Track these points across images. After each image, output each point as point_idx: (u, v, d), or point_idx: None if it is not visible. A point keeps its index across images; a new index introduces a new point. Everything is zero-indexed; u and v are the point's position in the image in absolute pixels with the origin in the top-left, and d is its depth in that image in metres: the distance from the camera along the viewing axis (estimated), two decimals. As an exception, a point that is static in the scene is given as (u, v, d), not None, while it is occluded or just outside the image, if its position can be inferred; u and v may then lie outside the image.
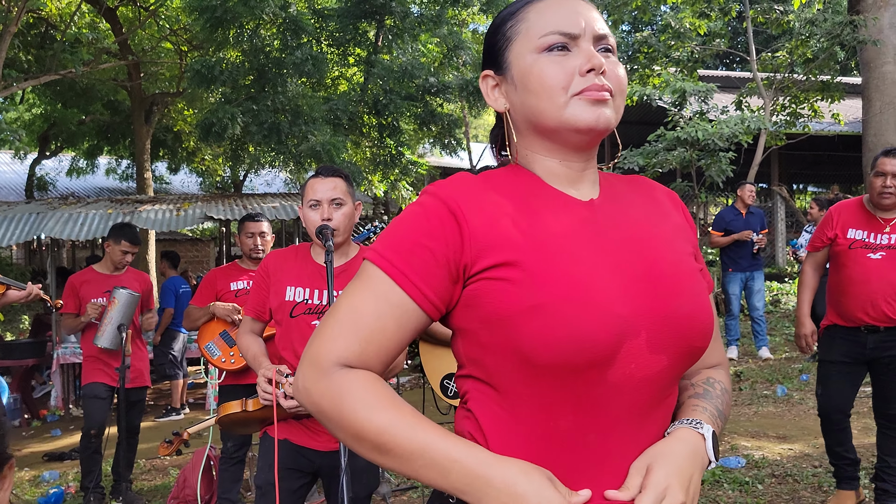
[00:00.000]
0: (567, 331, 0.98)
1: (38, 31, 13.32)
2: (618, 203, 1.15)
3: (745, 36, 17.45)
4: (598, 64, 1.06)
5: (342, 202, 2.51)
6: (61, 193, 18.53)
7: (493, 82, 1.17)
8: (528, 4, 1.13)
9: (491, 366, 1.06)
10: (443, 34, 11.66)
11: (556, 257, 1.04)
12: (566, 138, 1.10)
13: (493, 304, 1.03)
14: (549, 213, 1.09)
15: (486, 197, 1.09)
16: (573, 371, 1.00)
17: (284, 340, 2.54)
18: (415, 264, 1.05)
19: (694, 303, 1.09)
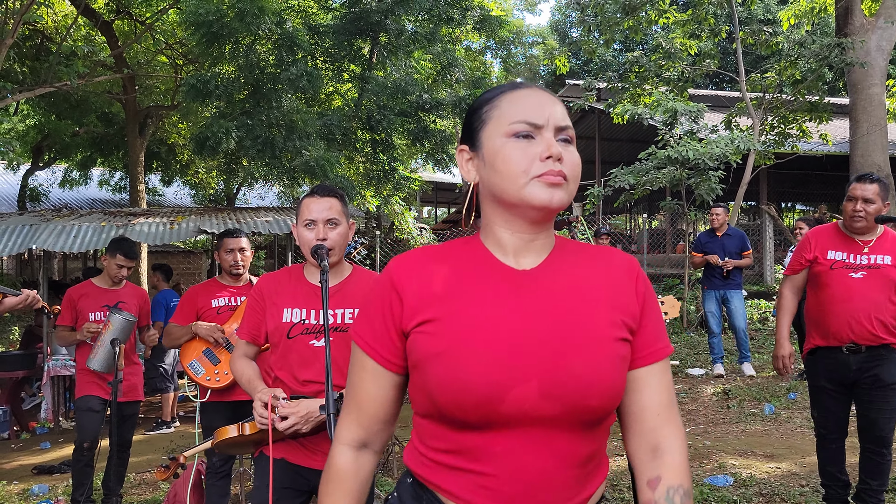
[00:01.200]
0: (457, 375, 1.20)
1: (33, 42, 13.37)
2: (554, 273, 1.31)
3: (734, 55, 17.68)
4: (556, 153, 1.24)
5: (337, 222, 2.55)
6: (54, 205, 18.51)
7: (467, 156, 1.35)
8: (503, 94, 1.32)
9: (417, 402, 1.32)
10: (436, 51, 11.75)
11: (465, 315, 1.25)
12: (524, 213, 1.27)
13: (416, 353, 1.27)
14: (477, 279, 1.29)
15: (427, 268, 1.32)
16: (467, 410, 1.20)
17: (281, 361, 2.55)
18: (378, 337, 1.33)
19: (592, 364, 1.22)
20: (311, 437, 2.49)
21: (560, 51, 16.15)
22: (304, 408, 2.39)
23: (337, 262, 2.59)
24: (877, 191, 3.63)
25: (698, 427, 6.53)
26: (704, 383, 8.05)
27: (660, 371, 1.31)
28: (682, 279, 12.15)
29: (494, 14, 12.48)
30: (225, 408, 3.96)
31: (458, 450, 1.25)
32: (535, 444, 1.22)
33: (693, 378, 8.33)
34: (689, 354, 9.54)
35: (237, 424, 2.61)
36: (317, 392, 2.46)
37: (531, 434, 1.21)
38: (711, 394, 7.61)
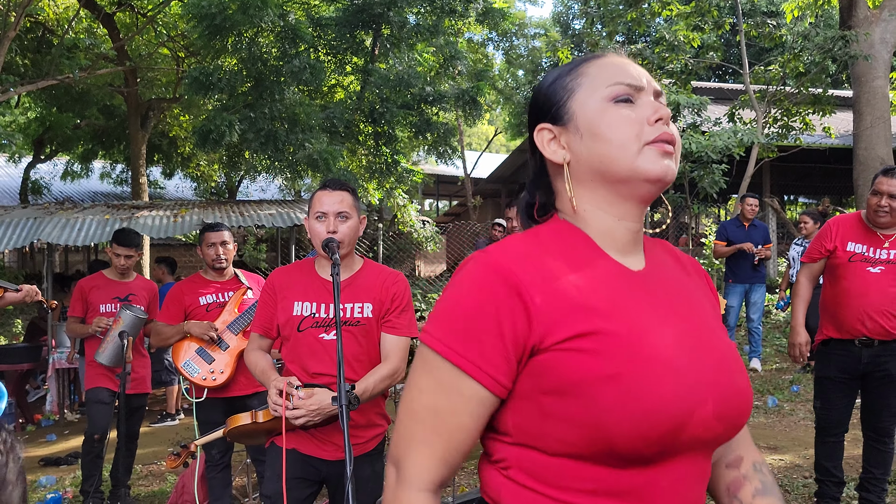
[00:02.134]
0: (645, 399, 0.98)
1: (35, 35, 13.34)
2: (661, 272, 1.16)
3: (737, 48, 17.59)
4: (665, 114, 1.09)
5: (348, 216, 2.57)
6: (56, 197, 18.51)
7: (549, 135, 1.16)
8: (586, 62, 1.17)
9: (555, 438, 1.03)
10: (439, 44, 11.75)
11: (627, 327, 1.03)
12: (635, 188, 1.10)
13: (568, 374, 1.01)
14: (609, 283, 1.08)
15: (544, 265, 1.07)
16: (650, 442, 0.99)
17: (292, 354, 2.59)
18: (485, 352, 1.03)
19: (743, 378, 1.11)
20: (322, 428, 2.52)
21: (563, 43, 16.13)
22: (315, 401, 2.41)
23: (347, 254, 2.61)
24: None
25: (702, 419, 6.55)
26: (707, 376, 8.05)
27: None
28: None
29: (497, 6, 12.46)
30: (222, 403, 3.94)
31: (615, 491, 1.03)
32: (694, 473, 1.07)
33: (696, 371, 8.35)
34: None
35: (251, 412, 2.65)
36: (326, 384, 2.48)
37: (692, 462, 1.06)
38: (715, 386, 7.62)
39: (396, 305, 2.61)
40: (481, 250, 1.10)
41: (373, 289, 2.61)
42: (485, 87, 12.27)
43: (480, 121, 14.08)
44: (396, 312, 2.61)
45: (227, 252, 4.07)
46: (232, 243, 4.13)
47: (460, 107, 11.87)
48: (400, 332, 2.60)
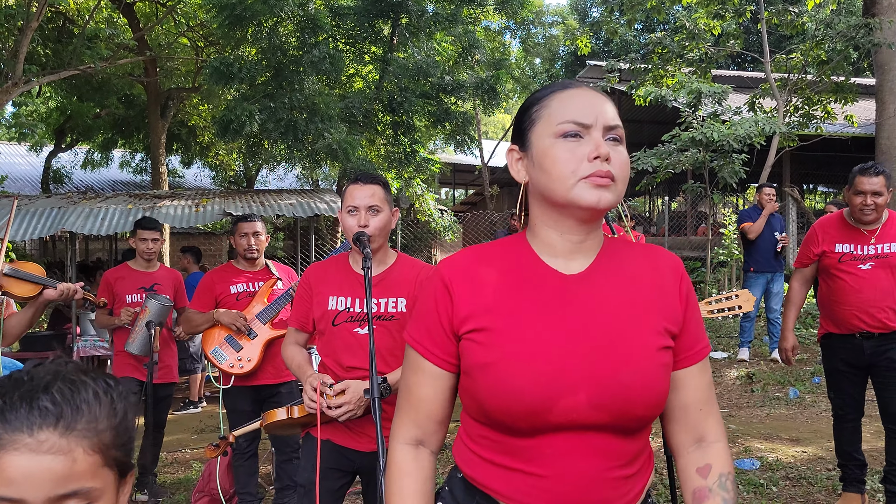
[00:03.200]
0: (505, 386, 1.24)
1: (56, 25, 13.44)
2: (602, 277, 1.33)
3: (757, 35, 17.41)
4: (604, 153, 1.24)
5: (379, 209, 2.59)
6: (76, 186, 18.68)
7: (517, 156, 1.36)
8: (553, 93, 1.32)
9: (467, 406, 1.36)
10: (458, 33, 11.72)
11: (513, 326, 1.27)
12: (572, 213, 1.28)
13: (465, 360, 1.31)
14: (525, 286, 1.31)
15: (477, 272, 1.34)
16: (516, 419, 1.24)
17: (327, 348, 2.63)
18: (432, 338, 1.35)
19: (638, 375, 1.25)
20: (357, 420, 2.55)
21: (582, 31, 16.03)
22: (355, 394, 2.45)
23: (380, 248, 2.63)
24: (883, 182, 3.68)
25: (722, 411, 6.55)
26: (727, 367, 8.04)
27: (700, 370, 1.37)
28: (703, 262, 12.11)
29: (516, -6, 12.39)
30: (249, 391, 4.01)
31: (509, 451, 1.29)
32: (584, 446, 1.26)
33: (716, 362, 8.33)
34: (711, 338, 9.53)
35: (286, 407, 2.70)
36: (360, 378, 2.52)
37: (580, 437, 1.25)
38: (735, 377, 7.61)
39: None
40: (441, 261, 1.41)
41: (406, 283, 2.63)
42: (503, 76, 12.23)
43: (497, 109, 14.04)
44: None
45: (259, 242, 4.15)
46: (264, 234, 4.21)
47: (479, 96, 11.85)
48: None
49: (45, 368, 0.92)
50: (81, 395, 0.90)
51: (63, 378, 0.90)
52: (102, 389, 0.93)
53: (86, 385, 0.91)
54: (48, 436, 0.85)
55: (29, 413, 0.85)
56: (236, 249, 4.21)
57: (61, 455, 0.85)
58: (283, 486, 4.17)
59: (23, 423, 0.85)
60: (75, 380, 0.91)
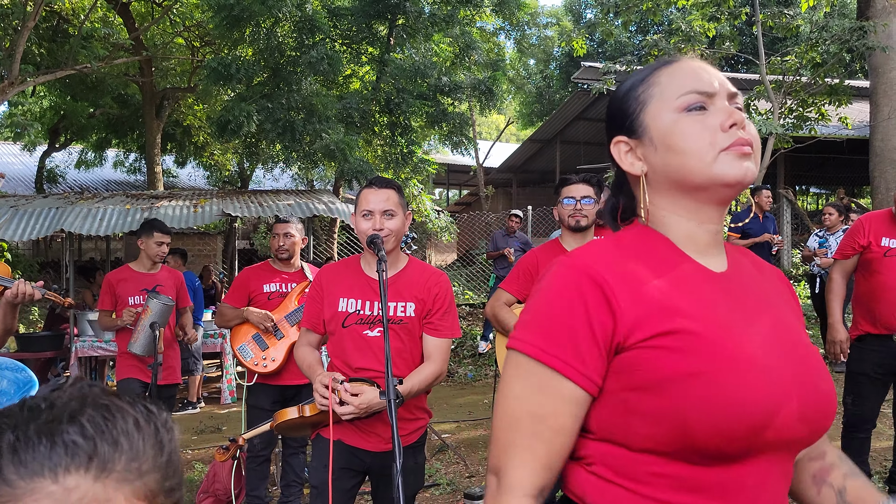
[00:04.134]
0: (727, 396, 1.00)
1: (51, 24, 13.39)
2: (744, 276, 1.18)
3: (751, 37, 17.49)
4: (739, 119, 1.10)
5: (393, 213, 2.62)
6: (70, 186, 18.61)
7: (626, 147, 1.19)
8: (657, 70, 1.18)
9: (641, 434, 1.05)
10: (455, 34, 11.74)
11: (711, 326, 1.05)
12: (714, 193, 1.12)
13: (652, 372, 1.03)
14: (691, 284, 1.11)
15: (627, 267, 1.10)
16: (732, 439, 1.01)
17: (337, 349, 2.66)
18: (578, 351, 1.05)
19: (828, 381, 1.11)
20: (367, 420, 2.58)
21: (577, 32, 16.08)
22: (365, 400, 2.46)
23: (392, 251, 2.66)
24: None
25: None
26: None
27: None
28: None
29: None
30: (271, 390, 4.08)
31: (698, 487, 1.04)
32: (779, 473, 1.09)
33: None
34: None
35: (297, 406, 2.71)
36: (370, 378, 2.53)
37: (776, 462, 1.07)
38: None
39: (439, 307, 2.67)
40: (566, 255, 1.14)
41: (416, 287, 2.67)
42: (500, 77, 12.26)
43: (493, 110, 14.07)
44: (439, 314, 2.67)
45: (290, 243, 4.22)
46: (299, 236, 4.28)
47: (476, 97, 11.88)
48: (442, 334, 2.67)
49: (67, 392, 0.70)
50: (119, 425, 0.68)
51: (93, 403, 0.69)
52: (144, 417, 0.72)
53: (123, 412, 0.70)
54: (79, 481, 0.64)
55: (52, 451, 0.64)
56: (271, 248, 4.32)
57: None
58: (289, 482, 4.21)
59: (44, 464, 0.64)
60: (109, 405, 0.69)
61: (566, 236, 3.50)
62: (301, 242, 4.32)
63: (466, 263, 16.54)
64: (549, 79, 27.53)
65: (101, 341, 7.63)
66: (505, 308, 3.46)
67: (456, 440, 6.04)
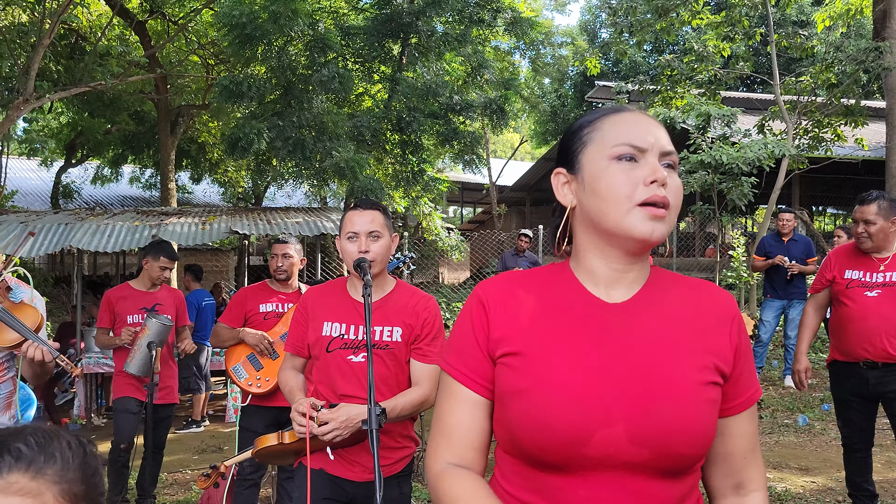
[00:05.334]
0: (537, 414, 1.16)
1: (68, 42, 13.56)
2: (646, 308, 1.25)
3: (765, 57, 17.39)
4: (661, 177, 1.17)
5: (379, 235, 2.56)
6: (86, 201, 18.76)
7: (564, 179, 1.29)
8: (605, 116, 1.26)
9: (499, 436, 1.27)
10: (467, 53, 11.76)
11: (547, 350, 1.20)
12: (621, 243, 1.22)
13: (499, 386, 1.24)
14: (565, 312, 1.24)
15: (516, 295, 1.28)
16: (548, 451, 1.15)
17: (321, 374, 2.58)
18: (468, 361, 1.28)
19: (681, 409, 1.16)
20: (350, 449, 2.51)
21: (591, 52, 16.06)
22: (343, 413, 2.38)
23: (379, 274, 2.59)
24: (876, 210, 3.69)
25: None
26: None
27: (748, 417, 1.29)
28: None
29: (525, 16, 12.44)
30: (265, 412, 4.02)
31: (540, 490, 1.20)
32: (620, 490, 1.16)
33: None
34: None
35: (277, 433, 2.63)
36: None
37: (617, 479, 1.15)
38: (743, 403, 7.50)
39: (427, 332, 2.59)
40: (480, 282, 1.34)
41: (403, 312, 2.59)
42: (512, 97, 12.24)
43: (506, 129, 14.07)
44: (427, 340, 2.59)
45: (289, 264, 4.19)
46: (297, 256, 4.25)
47: (487, 115, 11.87)
48: (430, 360, 2.59)
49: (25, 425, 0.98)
50: (55, 444, 0.94)
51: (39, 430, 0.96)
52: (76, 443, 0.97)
53: (60, 437, 0.96)
54: (18, 478, 0.89)
55: (1, 457, 0.90)
56: (270, 268, 4.30)
57: (30, 497, 0.89)
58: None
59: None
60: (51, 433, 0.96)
61: None
62: (300, 263, 4.29)
63: (479, 282, 16.48)
64: (564, 98, 27.52)
65: (106, 358, 7.62)
66: None
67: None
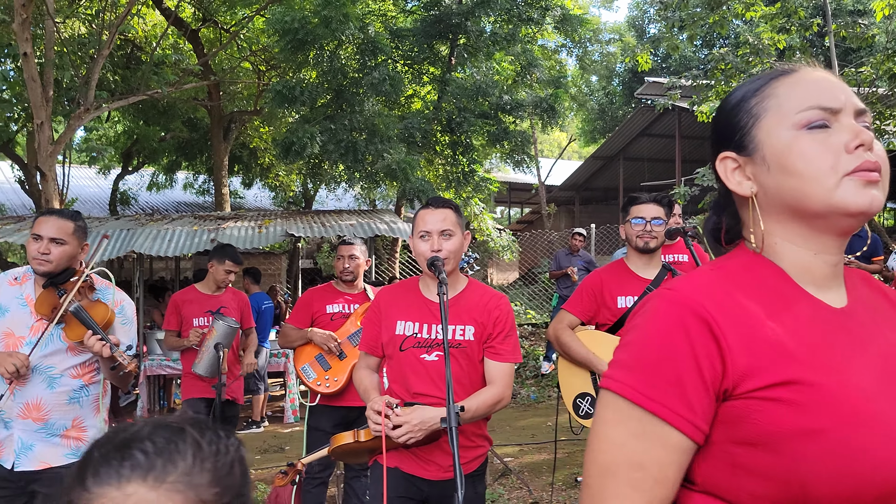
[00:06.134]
0: (855, 457, 0.89)
1: (124, 52, 13.90)
2: (866, 310, 1.06)
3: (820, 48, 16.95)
4: (867, 140, 0.98)
5: (451, 233, 2.56)
6: (142, 208, 19.18)
7: (733, 164, 1.07)
8: (775, 79, 1.06)
9: (748, 492, 0.95)
10: (516, 52, 11.71)
11: (831, 375, 0.94)
12: (834, 223, 1.00)
13: (765, 425, 0.93)
14: (808, 324, 0.99)
15: (735, 302, 0.99)
16: (867, 497, 0.90)
17: (395, 373, 2.61)
18: (685, 397, 0.95)
19: None
20: (425, 447, 2.51)
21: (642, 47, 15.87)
22: (417, 416, 2.39)
23: (451, 272, 2.60)
24: None
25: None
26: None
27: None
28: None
29: (574, 13, 12.34)
30: (333, 412, 4.07)
31: None
32: None
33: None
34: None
35: (353, 431, 2.66)
36: (428, 404, 2.47)
37: None
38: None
39: (500, 330, 2.59)
40: (667, 287, 1.03)
41: (475, 310, 2.60)
42: (562, 95, 12.16)
43: (555, 127, 13.97)
44: (500, 338, 2.59)
45: (355, 265, 4.24)
46: (363, 258, 4.29)
47: (538, 114, 11.80)
48: (504, 359, 2.58)
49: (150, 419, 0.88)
50: (179, 446, 0.84)
51: (163, 428, 0.86)
52: (207, 441, 0.86)
53: (184, 435, 0.85)
54: (136, 489, 0.80)
55: (120, 465, 0.81)
56: (335, 270, 4.33)
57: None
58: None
59: (112, 475, 0.81)
60: (176, 430, 0.86)
61: (632, 256, 3.40)
62: (365, 264, 4.32)
63: (528, 282, 16.38)
64: (612, 95, 27.24)
65: (168, 360, 7.78)
66: (568, 331, 3.36)
67: (519, 464, 5.92)
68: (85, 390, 2.86)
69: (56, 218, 2.83)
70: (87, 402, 2.87)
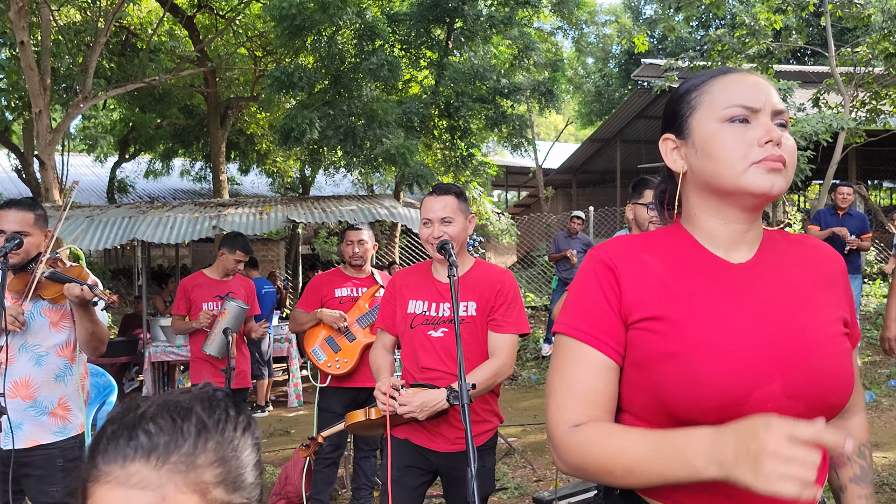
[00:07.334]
0: (697, 376, 1.14)
1: (120, 39, 13.87)
2: (770, 266, 1.27)
3: (816, 28, 16.94)
4: (776, 136, 1.19)
5: (451, 220, 2.71)
6: (140, 195, 19.19)
7: (672, 145, 1.31)
8: (713, 78, 1.27)
9: (636, 403, 1.24)
10: (513, 35, 11.71)
11: (693, 312, 1.19)
12: (740, 200, 1.23)
13: (639, 351, 1.21)
14: (694, 274, 1.24)
15: (638, 257, 1.26)
16: (706, 413, 1.12)
17: (407, 349, 2.78)
18: (598, 324, 1.24)
19: (831, 360, 1.20)
20: (433, 421, 2.67)
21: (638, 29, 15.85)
22: (418, 399, 2.55)
23: (457, 253, 2.71)
24: None
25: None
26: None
27: (856, 353, 1.34)
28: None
29: (570, -5, 12.32)
30: (343, 393, 4.16)
31: None
32: None
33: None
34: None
35: (364, 409, 2.82)
36: (434, 378, 2.65)
37: None
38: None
39: (501, 301, 2.71)
40: (592, 247, 1.30)
41: (477, 287, 2.74)
42: (560, 78, 12.17)
43: (552, 111, 13.99)
44: (502, 310, 2.71)
45: (364, 250, 4.31)
46: (371, 242, 4.37)
47: (535, 98, 11.82)
48: (505, 330, 2.70)
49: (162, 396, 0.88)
50: (184, 425, 0.84)
51: (171, 407, 0.86)
52: (214, 421, 0.86)
53: (190, 416, 0.85)
54: (139, 468, 0.81)
55: (126, 445, 0.82)
56: (343, 255, 4.40)
57: (150, 490, 0.80)
58: (360, 485, 4.29)
59: (118, 454, 0.82)
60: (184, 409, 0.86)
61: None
62: (372, 248, 4.39)
63: (527, 265, 16.45)
64: (608, 77, 27.21)
65: (172, 346, 7.84)
66: None
67: (522, 444, 6.01)
68: (69, 370, 2.94)
69: (16, 210, 2.84)
70: (71, 383, 2.95)
